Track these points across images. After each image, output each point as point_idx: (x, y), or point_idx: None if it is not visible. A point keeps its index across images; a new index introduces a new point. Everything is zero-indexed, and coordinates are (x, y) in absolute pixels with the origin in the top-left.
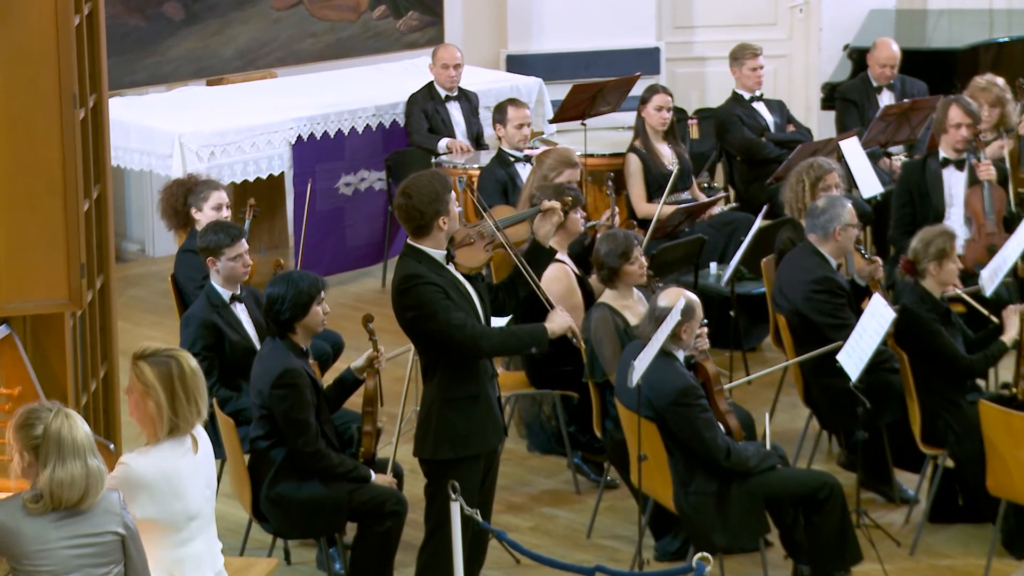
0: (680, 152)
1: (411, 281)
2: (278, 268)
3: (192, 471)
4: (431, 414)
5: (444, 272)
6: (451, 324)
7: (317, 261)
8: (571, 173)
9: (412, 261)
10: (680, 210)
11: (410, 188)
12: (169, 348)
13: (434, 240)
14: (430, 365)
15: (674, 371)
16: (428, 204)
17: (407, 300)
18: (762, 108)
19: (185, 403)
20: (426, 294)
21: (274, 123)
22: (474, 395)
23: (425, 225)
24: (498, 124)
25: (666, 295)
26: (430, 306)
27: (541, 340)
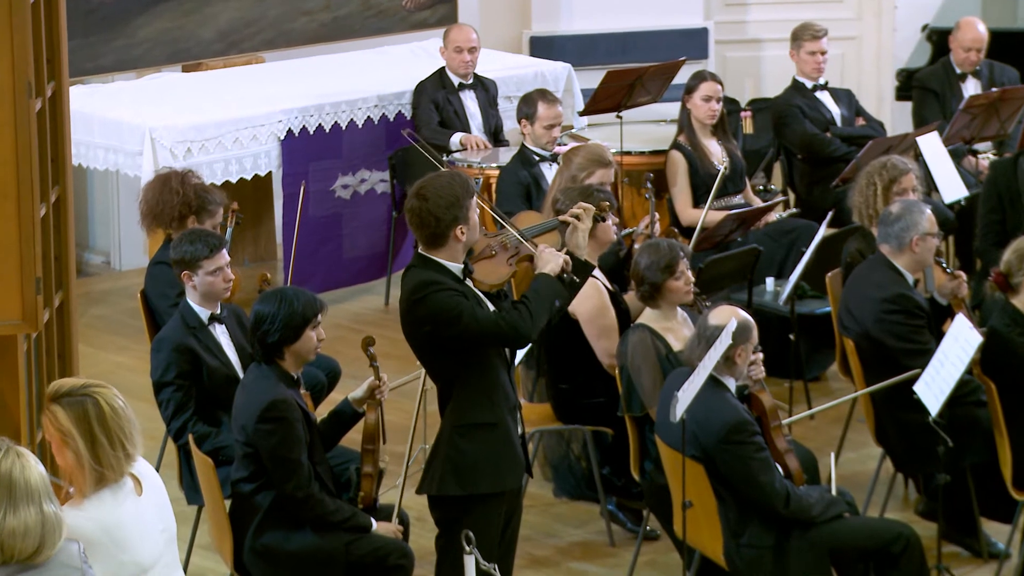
0: (731, 149)
1: (425, 289)
2: (264, 284)
3: (137, 517)
4: (441, 442)
5: (462, 285)
6: (477, 320)
7: (310, 275)
8: (603, 173)
9: (424, 270)
10: (731, 216)
11: (426, 189)
12: (86, 384)
13: (450, 252)
14: (446, 390)
15: (725, 403)
16: (446, 209)
17: (423, 310)
18: (827, 98)
19: (108, 448)
20: (445, 300)
21: (260, 115)
22: (490, 423)
23: (441, 234)
24: (524, 120)
25: (715, 315)
26: (452, 310)
27: (555, 287)
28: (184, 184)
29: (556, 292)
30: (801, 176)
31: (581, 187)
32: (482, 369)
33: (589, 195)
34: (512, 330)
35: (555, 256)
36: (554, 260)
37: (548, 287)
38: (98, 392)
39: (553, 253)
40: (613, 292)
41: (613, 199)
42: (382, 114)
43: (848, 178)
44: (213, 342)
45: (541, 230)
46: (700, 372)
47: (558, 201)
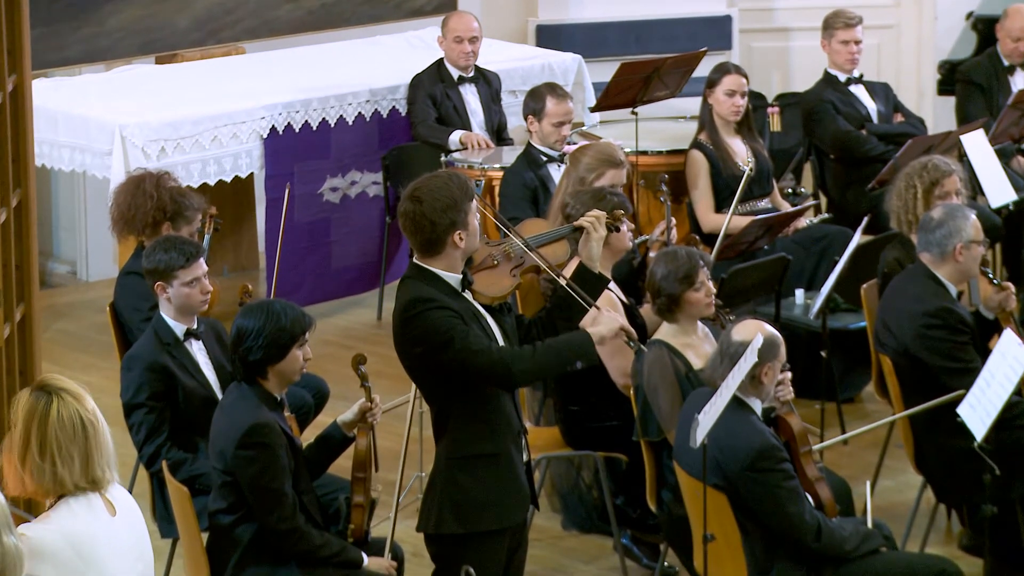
0: (757, 149)
1: (419, 306)
2: (246, 296)
3: (109, 536)
4: (438, 475)
5: (460, 300)
6: (470, 350)
7: (296, 287)
8: (614, 175)
9: (419, 283)
10: (757, 222)
11: (421, 191)
12: (63, 388)
13: (447, 260)
14: (441, 416)
15: (750, 427)
16: (442, 213)
17: (414, 330)
18: (862, 93)
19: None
20: (438, 320)
21: (241, 112)
22: (492, 454)
23: (437, 240)
24: (531, 116)
25: (740, 330)
26: (444, 333)
27: (587, 350)
28: (158, 187)
29: (585, 355)
30: (834, 178)
31: (593, 190)
32: (481, 393)
33: (601, 199)
34: (504, 369)
35: (611, 321)
36: (608, 325)
37: (579, 347)
38: (65, 398)
39: (611, 317)
40: (628, 305)
41: (628, 204)
42: (374, 110)
43: (885, 180)
44: (189, 360)
45: (550, 239)
46: (723, 393)
47: (568, 206)
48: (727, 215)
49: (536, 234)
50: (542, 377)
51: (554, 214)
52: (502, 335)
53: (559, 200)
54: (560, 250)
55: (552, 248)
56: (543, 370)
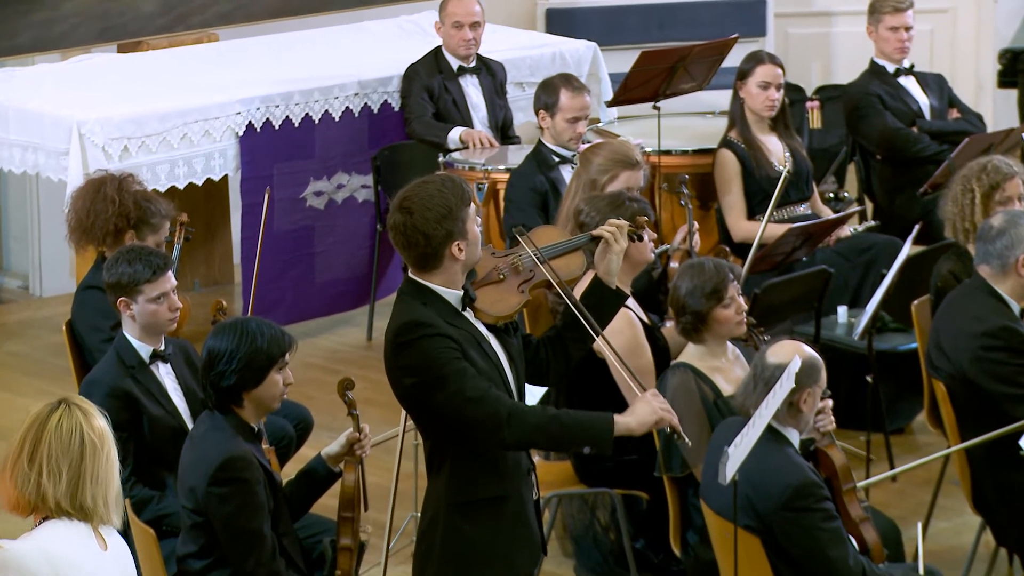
0: (795, 148)
1: (414, 331)
2: (219, 313)
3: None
4: (436, 523)
5: (460, 321)
6: (464, 396)
7: (276, 303)
8: (629, 177)
9: (415, 303)
10: (795, 231)
11: (411, 201)
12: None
13: (445, 275)
14: (436, 453)
15: (786, 461)
16: (436, 224)
17: (406, 359)
18: (913, 85)
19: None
20: (434, 351)
21: (214, 106)
22: (498, 497)
23: (432, 253)
24: (543, 112)
25: (775, 352)
26: (439, 368)
27: (602, 437)
28: (121, 191)
29: (599, 441)
30: (881, 181)
31: (610, 195)
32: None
33: (619, 205)
34: (495, 428)
35: (651, 412)
36: (644, 418)
37: (596, 435)
38: (73, 411)
39: (656, 404)
40: (649, 325)
41: (650, 210)
42: (364, 105)
43: (939, 184)
44: (156, 385)
45: (563, 249)
46: (756, 422)
47: (582, 212)
48: (761, 223)
49: (549, 244)
50: (532, 448)
51: (563, 222)
52: (507, 360)
53: (568, 206)
54: (575, 263)
55: (566, 260)
56: (542, 443)
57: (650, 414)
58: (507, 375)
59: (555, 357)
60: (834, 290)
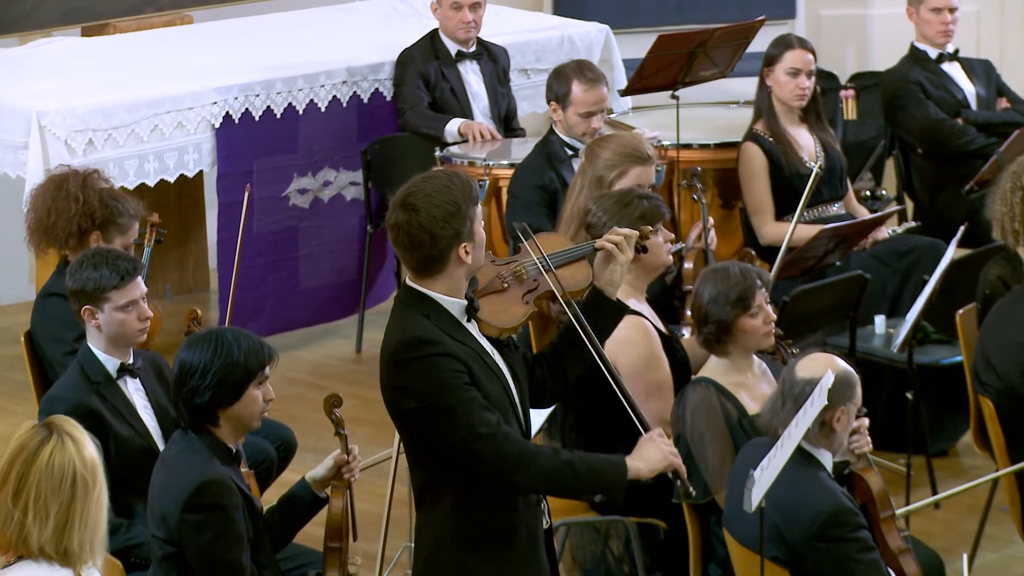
0: (828, 141)
1: (418, 349)
2: (193, 323)
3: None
4: (436, 559)
5: (463, 334)
6: (474, 431)
7: (255, 312)
8: (640, 173)
9: (416, 315)
10: (828, 232)
11: (416, 197)
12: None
13: (448, 281)
14: (433, 483)
15: (818, 486)
16: (444, 223)
17: (408, 379)
18: (957, 72)
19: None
20: (441, 375)
21: (188, 95)
22: (506, 532)
23: (438, 256)
24: (555, 104)
25: (806, 366)
26: (446, 395)
27: (615, 485)
28: (85, 188)
29: (611, 489)
30: (922, 177)
31: (618, 194)
32: None
33: (630, 203)
34: (504, 473)
35: (662, 457)
36: (653, 463)
37: (609, 483)
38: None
39: (662, 448)
40: (667, 336)
41: (665, 209)
42: (353, 93)
43: (986, 180)
44: (123, 402)
45: (569, 258)
46: (785, 443)
47: (590, 212)
48: (790, 223)
49: (552, 252)
50: (536, 491)
51: (567, 223)
52: (512, 377)
53: (572, 206)
54: (581, 273)
55: (572, 270)
56: (552, 491)
57: (660, 460)
58: (513, 394)
59: (552, 376)
60: (871, 298)
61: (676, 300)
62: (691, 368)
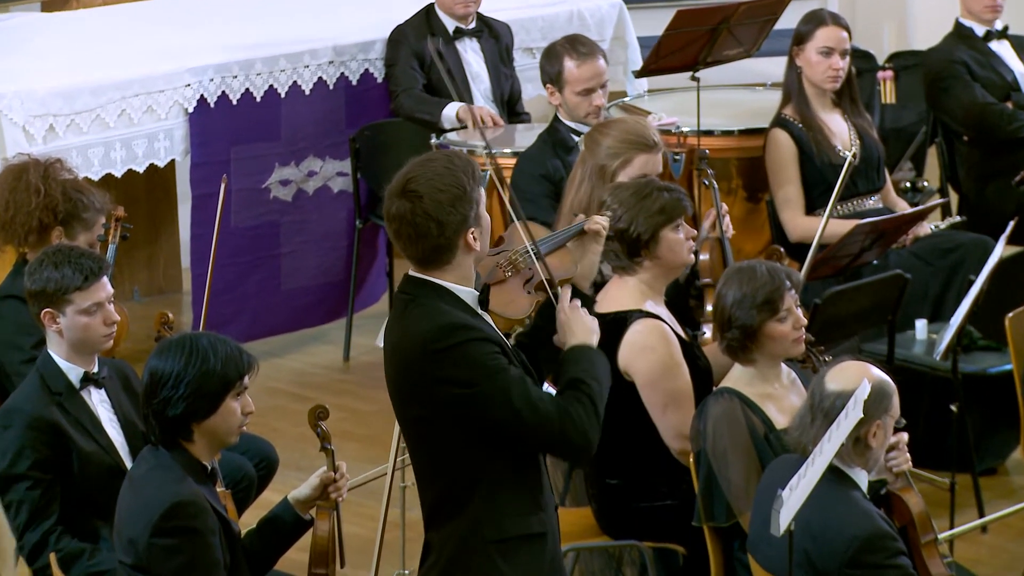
0: (864, 127)
1: (455, 334)
2: (165, 328)
3: None
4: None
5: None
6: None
7: (233, 315)
8: (646, 161)
9: (436, 302)
10: (864, 228)
11: (418, 182)
12: None
13: (459, 270)
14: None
15: (852, 507)
16: (451, 207)
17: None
18: (1007, 51)
19: None
20: (484, 356)
21: (159, 77)
22: (539, 535)
23: (446, 245)
24: (551, 85)
25: (839, 375)
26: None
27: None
28: (47, 180)
29: (608, 372)
30: (968, 167)
31: (635, 185)
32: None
33: (648, 195)
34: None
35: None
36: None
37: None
38: None
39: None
40: (687, 341)
41: (688, 202)
42: (340, 74)
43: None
44: (87, 415)
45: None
46: (816, 461)
47: (605, 205)
48: (823, 218)
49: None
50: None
51: (567, 217)
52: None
53: (572, 199)
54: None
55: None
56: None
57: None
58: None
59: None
60: (911, 300)
61: (692, 298)
62: (713, 377)
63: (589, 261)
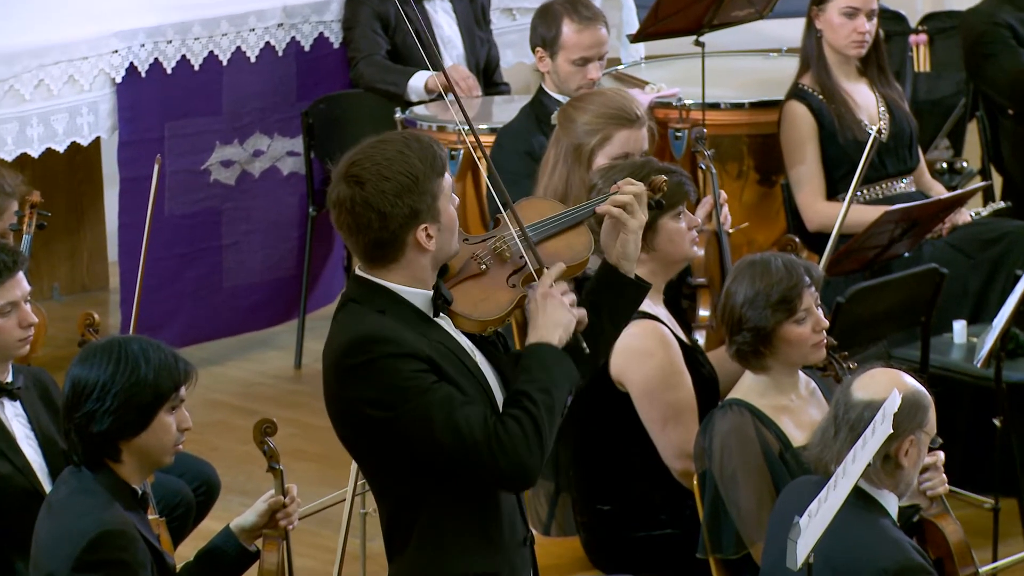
0: (893, 99)
1: (365, 350)
2: (89, 331)
3: None
4: None
5: (432, 331)
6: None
7: (168, 316)
8: (627, 137)
9: (366, 311)
10: (894, 215)
11: (362, 165)
12: None
13: (408, 271)
14: (401, 518)
15: (880, 536)
16: (397, 197)
17: (362, 387)
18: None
19: None
20: (398, 376)
21: (81, 42)
22: (487, 574)
23: (390, 240)
24: (541, 49)
25: (865, 384)
26: (415, 400)
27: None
28: None
29: (568, 377)
30: (1014, 146)
31: (633, 165)
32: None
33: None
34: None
35: (559, 309)
36: (559, 316)
37: (557, 370)
38: None
39: (558, 303)
40: (689, 346)
41: (691, 185)
42: (291, 39)
43: None
44: (0, 432)
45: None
46: (839, 483)
47: (595, 189)
48: (844, 203)
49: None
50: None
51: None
52: (498, 381)
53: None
54: (579, 242)
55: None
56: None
57: (560, 314)
58: (498, 404)
59: None
60: (948, 298)
61: (685, 299)
62: (720, 387)
63: (622, 242)
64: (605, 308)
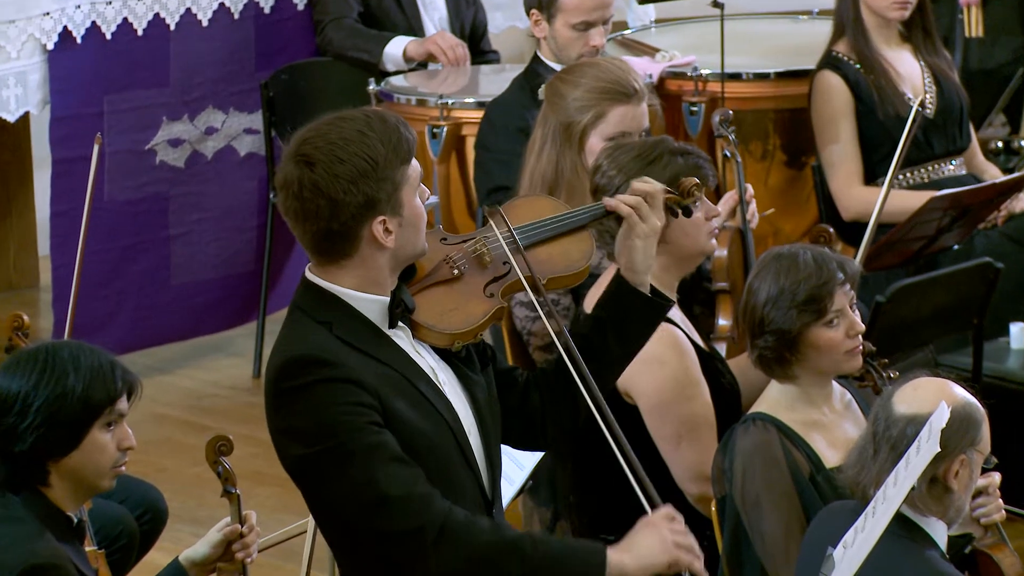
0: (941, 70)
1: (300, 374)
2: (17, 335)
3: None
4: None
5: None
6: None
7: (107, 317)
8: (624, 114)
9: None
10: (941, 202)
11: (314, 144)
12: None
13: (361, 271)
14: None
15: (926, 569)
16: (351, 184)
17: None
18: None
19: None
20: (331, 407)
21: (8, 4)
22: None
23: (341, 233)
24: (537, 13)
25: (909, 396)
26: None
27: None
28: None
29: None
30: None
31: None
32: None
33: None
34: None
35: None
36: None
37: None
38: None
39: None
40: (707, 353)
41: (710, 169)
42: (248, 0)
43: None
44: None
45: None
46: (879, 509)
47: (599, 172)
48: (883, 187)
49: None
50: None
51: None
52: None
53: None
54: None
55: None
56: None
57: (660, 551)
58: (463, 432)
59: (554, 403)
60: (1004, 298)
61: (698, 304)
62: (742, 400)
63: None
64: (610, 325)
